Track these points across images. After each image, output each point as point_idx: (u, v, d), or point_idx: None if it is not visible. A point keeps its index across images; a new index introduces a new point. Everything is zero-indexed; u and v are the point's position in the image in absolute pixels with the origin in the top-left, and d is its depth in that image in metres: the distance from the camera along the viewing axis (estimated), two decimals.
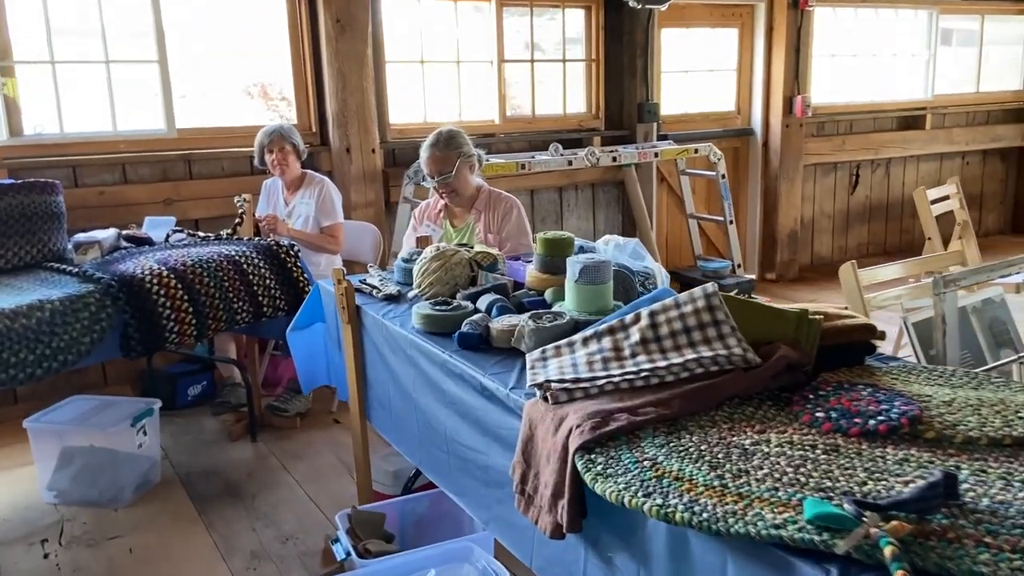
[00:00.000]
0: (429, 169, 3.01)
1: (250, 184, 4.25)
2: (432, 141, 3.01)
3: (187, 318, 2.91)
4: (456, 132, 3.06)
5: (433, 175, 3.01)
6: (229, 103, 4.59)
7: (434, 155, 2.99)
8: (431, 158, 2.99)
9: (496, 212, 3.12)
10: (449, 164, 2.98)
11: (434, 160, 2.99)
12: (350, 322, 2.39)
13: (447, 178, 2.99)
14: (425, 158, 3.01)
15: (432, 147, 3.00)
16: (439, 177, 2.99)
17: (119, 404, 3.15)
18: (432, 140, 3.02)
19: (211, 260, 3.05)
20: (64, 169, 3.94)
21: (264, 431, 3.63)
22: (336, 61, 4.34)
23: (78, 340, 2.63)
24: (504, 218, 3.12)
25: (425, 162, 3.02)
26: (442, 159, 2.98)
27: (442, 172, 2.98)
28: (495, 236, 3.08)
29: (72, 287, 2.73)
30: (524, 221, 3.15)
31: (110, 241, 3.28)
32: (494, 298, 2.11)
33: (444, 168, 2.98)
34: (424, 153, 3.02)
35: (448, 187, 3.01)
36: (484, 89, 5.08)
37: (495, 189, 3.22)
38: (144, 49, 4.08)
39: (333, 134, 4.46)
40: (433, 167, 2.99)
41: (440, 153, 2.98)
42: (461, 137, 3.05)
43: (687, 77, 5.81)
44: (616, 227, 5.60)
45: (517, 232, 3.12)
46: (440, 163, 2.98)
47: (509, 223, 3.11)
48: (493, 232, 3.10)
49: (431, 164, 2.99)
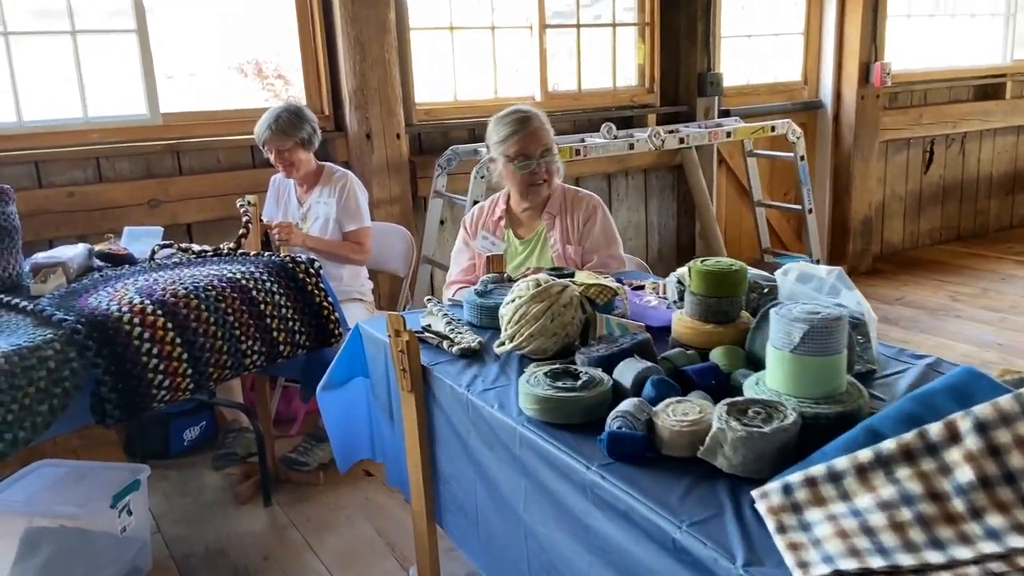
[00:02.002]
0: (524, 146, 2.33)
1: (253, 179, 3.52)
2: (525, 113, 2.35)
3: (180, 368, 2.19)
4: (535, 110, 2.38)
5: (532, 155, 2.32)
6: (221, 83, 3.85)
7: (535, 130, 2.33)
8: (531, 134, 2.32)
9: (575, 216, 2.41)
10: (550, 139, 2.35)
11: (536, 136, 2.33)
12: (414, 390, 1.68)
13: (551, 158, 2.36)
14: (519, 134, 2.33)
15: (531, 118, 2.34)
16: (545, 156, 2.34)
17: (95, 473, 2.45)
18: (524, 112, 2.36)
19: (210, 287, 2.32)
20: (24, 166, 3.21)
21: (280, 488, 2.93)
22: (352, 28, 3.58)
23: (31, 410, 1.91)
24: (587, 224, 2.41)
25: (519, 139, 2.34)
26: (544, 133, 2.35)
27: (547, 147, 2.36)
28: (576, 248, 2.37)
29: (23, 334, 2.01)
30: (612, 226, 2.44)
31: (79, 260, 2.55)
32: (643, 367, 1.40)
33: (549, 142, 2.37)
34: (511, 128, 2.34)
35: (549, 172, 2.36)
36: (522, 60, 4.33)
37: (567, 186, 2.50)
38: (119, 17, 3.32)
39: (350, 117, 3.72)
40: (532, 144, 2.33)
41: (541, 125, 2.35)
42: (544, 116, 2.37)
43: (748, 43, 5.07)
44: (670, 217, 4.88)
45: (605, 241, 2.41)
46: (543, 137, 2.35)
47: (593, 230, 2.40)
48: (573, 243, 2.38)
49: (529, 140, 2.33)
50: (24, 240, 3.08)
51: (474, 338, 1.76)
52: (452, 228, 4.17)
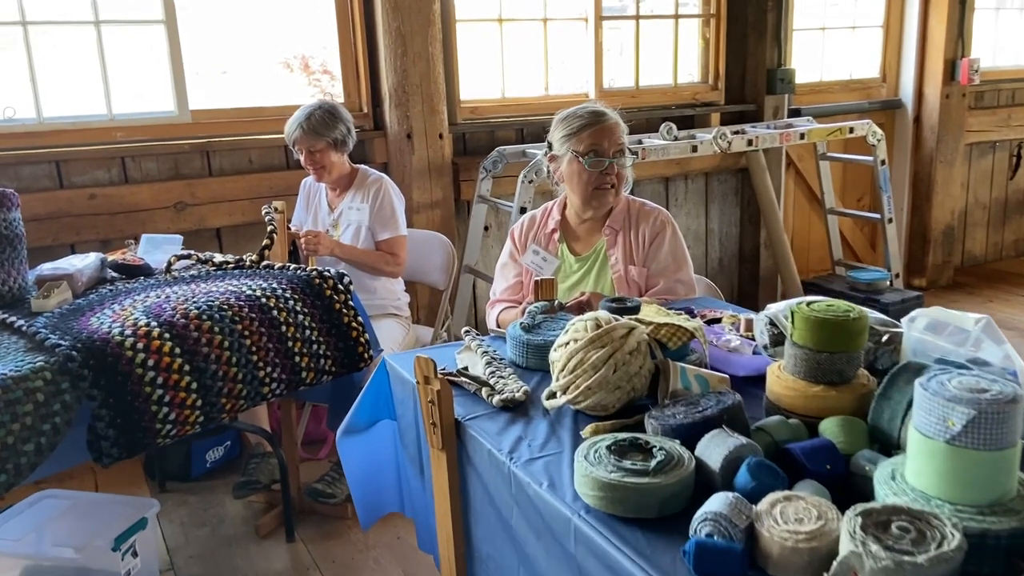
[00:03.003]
0: (598, 141, 2.04)
1: (287, 182, 3.29)
2: (594, 109, 2.08)
3: (189, 399, 1.95)
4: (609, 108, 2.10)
5: (605, 151, 2.04)
6: (263, 78, 3.62)
7: (612, 125, 2.05)
8: (607, 128, 2.04)
9: (640, 232, 2.10)
10: (624, 143, 2.07)
11: (612, 132, 2.05)
12: (445, 448, 1.40)
13: (627, 157, 2.07)
14: (594, 127, 2.04)
15: (603, 113, 2.07)
16: (618, 155, 2.05)
17: (100, 507, 2.22)
18: (595, 107, 2.09)
19: (225, 307, 2.07)
20: (44, 165, 3.01)
21: (304, 522, 2.68)
22: (394, 19, 3.31)
23: (15, 450, 1.68)
24: (654, 242, 2.09)
25: (592, 132, 2.05)
26: (620, 130, 2.07)
27: (622, 146, 2.06)
28: (639, 270, 2.06)
29: (11, 360, 1.78)
30: (682, 246, 2.13)
31: (88, 272, 2.33)
32: (735, 445, 1.09)
33: (624, 141, 2.08)
34: (584, 120, 2.06)
35: (619, 176, 2.08)
36: (575, 54, 4.02)
37: (634, 197, 2.19)
38: (147, 6, 3.10)
39: (390, 115, 3.45)
40: (607, 140, 2.04)
41: (618, 126, 2.07)
42: None
43: (822, 36, 4.67)
44: (732, 224, 4.53)
45: (674, 263, 2.09)
46: (619, 134, 2.07)
47: (661, 250, 2.09)
48: (637, 264, 2.07)
49: (604, 135, 2.04)
50: (43, 245, 2.92)
51: (519, 385, 1.47)
52: (497, 235, 3.89)
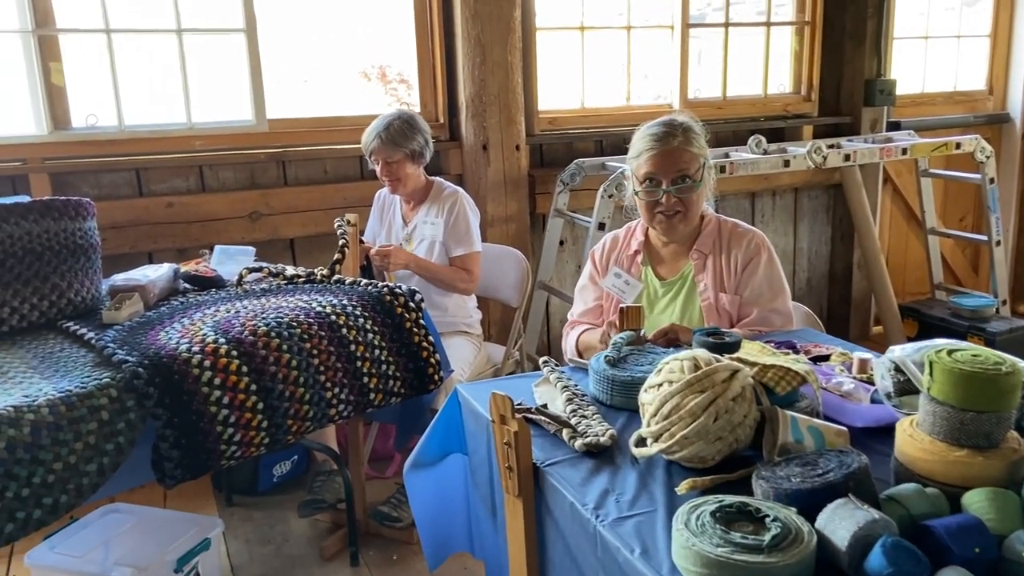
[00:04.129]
0: (655, 168, 1.88)
1: (361, 193, 3.23)
2: (670, 126, 1.89)
3: (255, 420, 1.87)
4: (693, 118, 1.92)
5: (660, 180, 1.86)
6: (341, 87, 3.59)
7: (673, 149, 1.87)
8: (666, 154, 1.87)
9: (732, 257, 1.93)
10: (694, 163, 1.86)
11: (673, 157, 1.87)
12: (522, 495, 1.27)
13: (689, 186, 1.86)
14: (652, 152, 1.89)
15: (669, 135, 1.88)
16: (678, 183, 1.87)
17: (165, 525, 2.18)
18: (671, 124, 1.90)
19: (294, 324, 2.00)
20: (125, 173, 3.02)
21: (369, 544, 2.60)
22: (473, 27, 3.22)
23: (77, 470, 1.63)
24: (747, 267, 1.92)
25: (650, 158, 1.90)
26: (686, 155, 1.88)
27: (684, 172, 1.87)
28: (731, 298, 1.90)
29: (77, 376, 1.74)
30: (779, 272, 1.95)
31: (162, 283, 2.30)
32: (866, 520, 0.93)
33: (688, 167, 1.87)
34: (646, 142, 1.90)
35: (685, 204, 1.87)
36: (659, 64, 3.86)
37: (726, 217, 2.03)
38: (227, 15, 3.09)
39: (466, 126, 3.36)
40: (666, 166, 1.87)
41: (683, 145, 1.87)
42: (700, 127, 1.91)
43: (924, 45, 4.39)
44: (823, 242, 4.28)
45: (769, 291, 1.92)
46: (682, 160, 1.88)
47: (755, 276, 1.92)
48: (728, 291, 1.91)
49: (663, 161, 1.87)
50: (121, 252, 2.92)
51: (604, 428, 1.33)
52: (572, 250, 3.76)
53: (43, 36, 2.83)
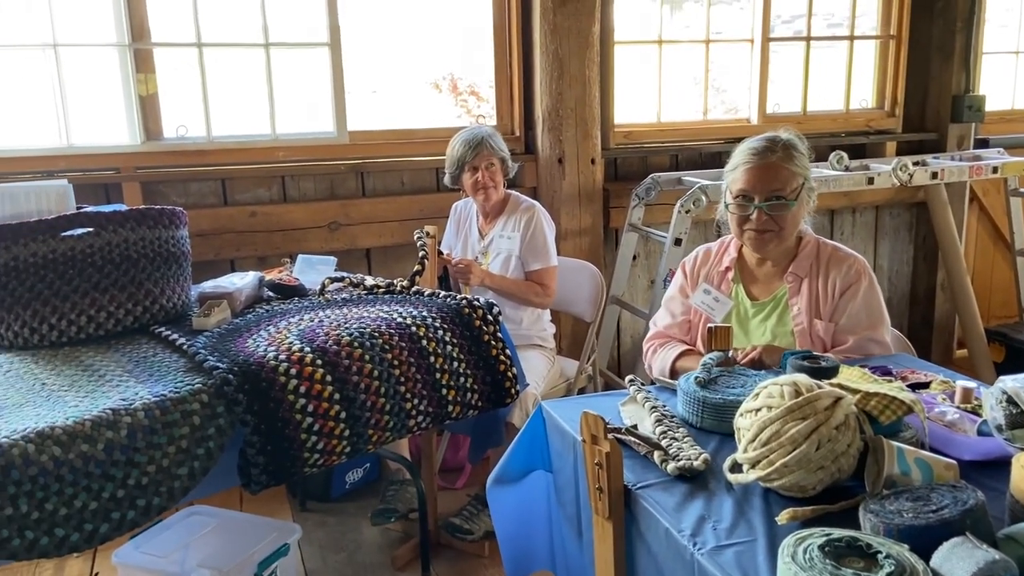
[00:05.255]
0: (748, 184, 1.83)
1: (437, 204, 3.27)
2: (767, 143, 1.84)
3: (337, 429, 1.90)
4: (798, 135, 1.88)
5: (753, 196, 1.82)
6: (411, 98, 3.64)
7: (769, 165, 1.81)
8: (761, 169, 1.82)
9: (830, 281, 1.87)
10: (792, 182, 1.80)
11: (768, 173, 1.81)
12: (612, 517, 1.25)
13: (782, 204, 1.80)
14: (747, 167, 1.84)
15: (768, 150, 1.83)
16: (771, 200, 1.82)
17: (245, 528, 2.22)
18: (767, 140, 1.85)
19: (376, 334, 2.02)
20: (211, 182, 3.12)
21: (440, 555, 2.61)
22: (552, 41, 3.23)
23: (169, 474, 1.68)
24: (845, 294, 1.86)
25: (744, 173, 1.85)
26: (783, 172, 1.82)
27: (778, 191, 1.81)
28: (826, 325, 1.84)
29: (170, 381, 1.79)
30: (879, 300, 1.88)
31: (247, 291, 2.35)
32: (986, 561, 0.88)
33: (784, 185, 1.82)
34: (742, 156, 1.86)
35: (778, 223, 1.82)
36: (738, 78, 3.81)
37: (826, 240, 1.97)
38: (312, 30, 3.17)
39: (541, 139, 3.37)
40: (760, 183, 1.82)
41: (782, 161, 1.82)
42: (805, 146, 1.86)
43: (1015, 60, 4.23)
44: (904, 262, 4.15)
45: (868, 320, 1.85)
46: (778, 177, 1.82)
47: (853, 303, 1.85)
48: (823, 317, 1.85)
49: (757, 177, 1.82)
50: (204, 259, 3.01)
51: (697, 452, 1.31)
52: (645, 265, 3.72)
53: (138, 50, 2.94)
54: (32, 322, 1.99)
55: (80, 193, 2.32)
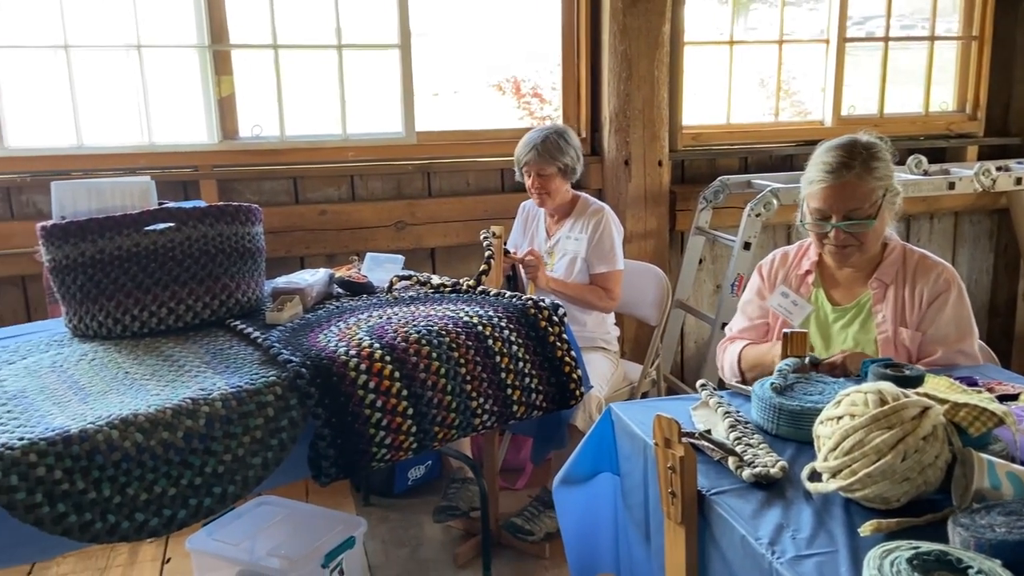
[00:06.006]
0: (825, 202, 1.76)
1: (502, 205, 3.28)
2: (844, 156, 1.74)
3: (404, 425, 1.92)
4: (880, 137, 1.81)
5: (829, 216, 1.76)
6: (473, 99, 3.66)
7: (847, 183, 1.72)
8: (839, 188, 1.73)
9: (916, 290, 1.80)
10: (870, 197, 1.73)
11: (846, 192, 1.73)
12: (684, 522, 1.23)
13: (861, 224, 1.73)
14: (823, 184, 1.75)
15: (844, 166, 1.73)
16: (849, 219, 1.74)
17: (312, 520, 2.27)
18: (845, 151, 1.75)
19: (443, 332, 2.04)
20: (283, 181, 3.19)
21: (501, 555, 2.61)
22: (621, 42, 3.21)
23: (244, 463, 1.72)
24: (933, 304, 1.78)
25: (821, 191, 1.76)
26: (860, 189, 1.73)
27: (856, 209, 1.73)
28: (912, 334, 1.78)
29: (246, 372, 1.84)
30: (968, 311, 1.80)
31: (318, 288, 2.39)
32: None
33: (862, 203, 1.73)
34: (818, 171, 1.76)
35: (859, 238, 1.76)
36: (807, 80, 3.72)
37: (913, 246, 1.90)
38: (383, 32, 3.21)
39: (608, 141, 3.35)
40: (837, 202, 1.74)
41: (860, 176, 1.72)
42: (887, 148, 1.79)
43: None
44: (983, 271, 3.99)
45: (956, 332, 1.77)
46: (855, 195, 1.73)
47: (941, 314, 1.78)
48: (909, 326, 1.78)
49: (834, 196, 1.74)
50: (276, 256, 3.07)
51: (773, 459, 1.28)
52: (711, 269, 3.67)
53: (217, 51, 3.03)
54: (116, 313, 2.06)
55: (160, 190, 2.39)
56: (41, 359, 1.93)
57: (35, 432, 1.51)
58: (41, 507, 1.46)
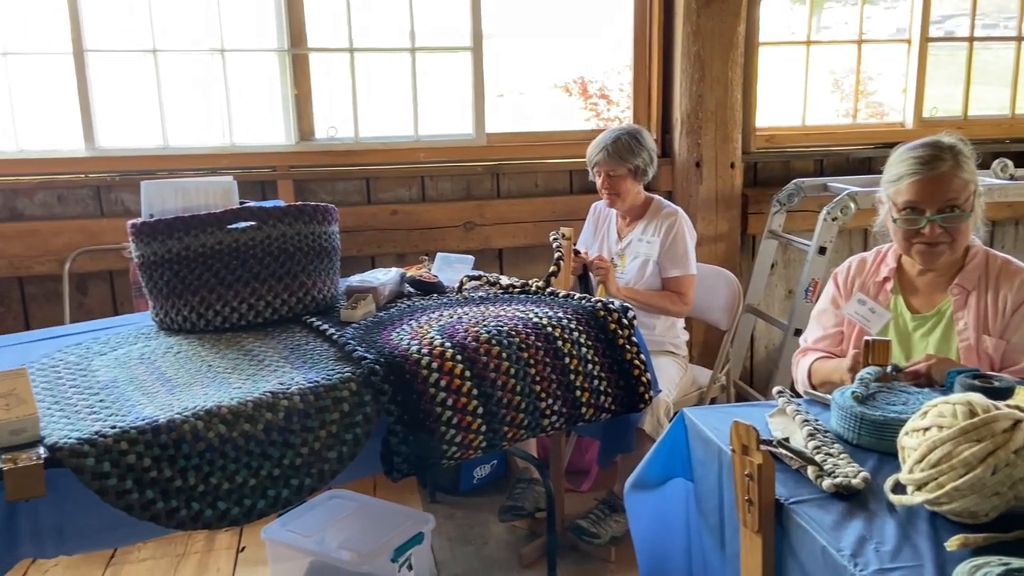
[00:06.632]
0: (917, 196, 1.72)
1: (570, 207, 3.29)
2: (937, 149, 1.71)
3: (474, 424, 1.94)
4: (961, 139, 1.76)
5: (923, 209, 1.72)
6: (539, 100, 3.67)
7: (940, 176, 1.69)
8: (931, 180, 1.69)
9: (1000, 296, 1.74)
10: (965, 191, 1.70)
11: (940, 184, 1.69)
12: (762, 531, 1.22)
13: (957, 216, 1.70)
14: (914, 177, 1.72)
15: (936, 158, 1.70)
16: (945, 212, 1.71)
17: (382, 515, 2.31)
18: (933, 147, 1.72)
19: (513, 333, 2.05)
20: (356, 181, 3.25)
21: (566, 557, 2.61)
22: (694, 43, 3.18)
23: (320, 456, 1.76)
24: (1019, 310, 1.73)
25: (912, 184, 1.72)
26: (956, 181, 1.70)
27: (952, 202, 1.70)
28: (996, 343, 1.71)
29: (322, 368, 1.88)
30: None
31: (390, 286, 2.44)
32: None
33: (958, 195, 1.70)
34: (908, 166, 1.73)
35: (952, 234, 1.72)
36: (887, 80, 3.62)
37: (996, 251, 1.84)
38: (451, 34, 3.25)
39: (679, 143, 3.32)
40: (930, 194, 1.70)
41: (954, 170, 1.69)
42: (970, 150, 1.74)
43: None
44: None
45: None
46: (951, 187, 1.70)
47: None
48: (993, 334, 1.72)
49: (927, 188, 1.70)
50: (347, 255, 3.12)
51: (855, 469, 1.25)
52: (783, 274, 3.60)
53: (296, 54, 3.11)
54: (199, 308, 2.14)
55: (240, 189, 2.47)
56: (130, 351, 2.02)
57: (126, 421, 1.58)
58: (131, 493, 1.52)
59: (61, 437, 1.51)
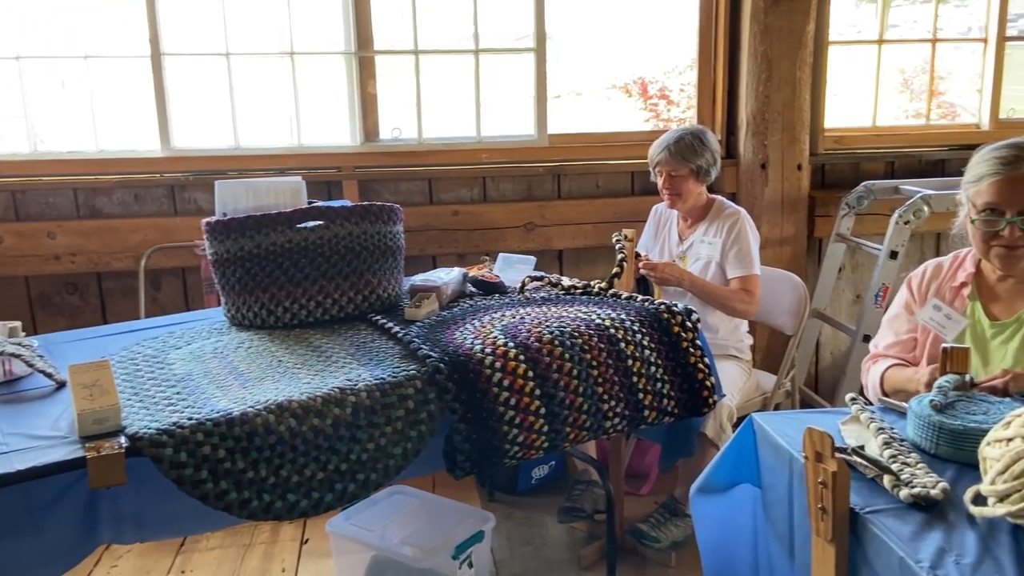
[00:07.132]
0: (997, 197, 1.68)
1: (631, 208, 3.27)
2: (1017, 151, 1.67)
3: (537, 424, 1.94)
4: None
5: (1004, 210, 1.68)
6: (603, 102, 3.66)
7: (1020, 175, 1.64)
8: (1012, 181, 1.65)
9: None
10: None
11: (1019, 183, 1.65)
12: (835, 540, 1.19)
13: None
14: (995, 178, 1.67)
15: (1019, 159, 1.66)
16: (1021, 215, 1.66)
17: (444, 512, 2.33)
18: (1016, 148, 1.68)
19: (576, 334, 2.05)
20: (419, 182, 3.29)
21: (625, 560, 2.60)
22: (762, 43, 3.13)
23: (386, 452, 1.79)
24: None
25: (992, 185, 1.68)
26: None
27: None
28: None
29: (388, 366, 1.91)
30: None
31: (453, 286, 2.46)
32: None
33: None
34: (989, 166, 1.69)
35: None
36: (958, 80, 3.50)
37: None
38: (512, 35, 3.26)
39: (744, 144, 3.27)
40: (1011, 195, 1.66)
41: None
42: None
43: None
44: None
45: None
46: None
47: None
48: None
49: (1007, 189, 1.66)
50: (409, 255, 3.15)
51: (933, 480, 1.21)
52: (851, 278, 3.51)
53: (362, 57, 3.16)
54: (269, 304, 2.19)
55: (307, 189, 2.52)
56: (204, 345, 2.08)
57: (202, 413, 1.63)
58: (206, 483, 1.57)
59: (141, 427, 1.56)
